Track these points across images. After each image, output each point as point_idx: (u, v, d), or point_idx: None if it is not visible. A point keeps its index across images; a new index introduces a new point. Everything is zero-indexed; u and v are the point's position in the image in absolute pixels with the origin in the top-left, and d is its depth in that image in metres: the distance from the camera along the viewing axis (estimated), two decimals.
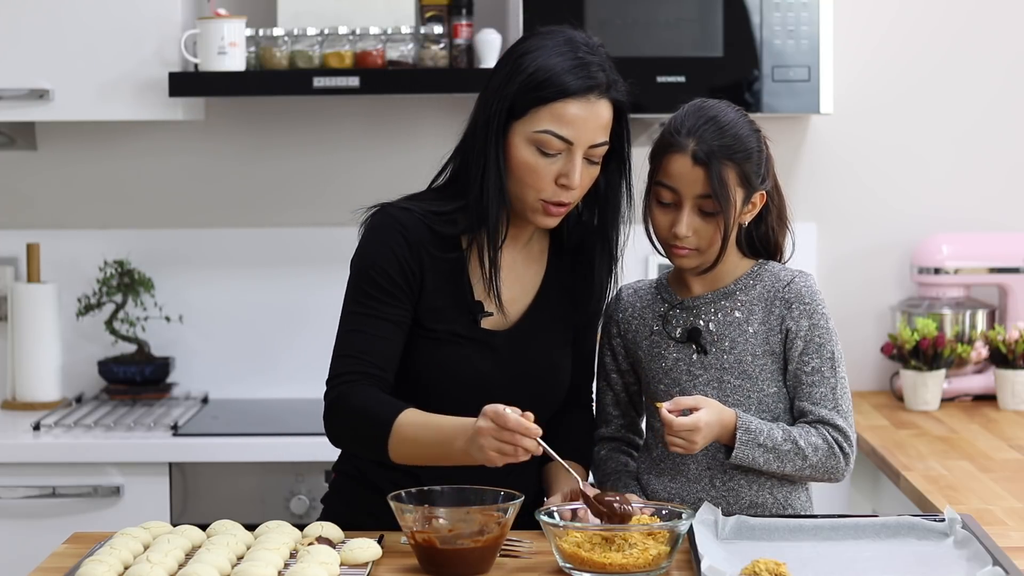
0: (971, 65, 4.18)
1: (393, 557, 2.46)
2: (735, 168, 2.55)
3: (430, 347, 2.64)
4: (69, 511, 3.66)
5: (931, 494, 3.07)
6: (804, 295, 2.62)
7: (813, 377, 2.61)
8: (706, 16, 3.81)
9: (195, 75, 3.80)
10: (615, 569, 2.33)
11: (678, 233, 2.56)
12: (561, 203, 2.59)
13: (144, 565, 2.30)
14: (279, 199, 4.20)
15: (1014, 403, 3.97)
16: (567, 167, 2.56)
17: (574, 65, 2.56)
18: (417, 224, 2.63)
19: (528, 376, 2.67)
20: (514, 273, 2.70)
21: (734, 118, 2.58)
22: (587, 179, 2.60)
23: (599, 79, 2.57)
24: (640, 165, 2.66)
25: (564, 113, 2.55)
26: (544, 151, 2.56)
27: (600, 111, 2.57)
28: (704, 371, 2.62)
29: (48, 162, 4.18)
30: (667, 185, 2.57)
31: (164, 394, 4.11)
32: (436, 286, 2.64)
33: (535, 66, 2.57)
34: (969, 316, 4.09)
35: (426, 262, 2.63)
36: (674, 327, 2.65)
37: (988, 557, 2.33)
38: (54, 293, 4.05)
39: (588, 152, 2.58)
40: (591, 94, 2.56)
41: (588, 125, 2.56)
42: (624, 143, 2.65)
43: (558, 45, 2.59)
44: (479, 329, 2.65)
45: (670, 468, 2.66)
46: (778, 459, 2.56)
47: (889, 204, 4.20)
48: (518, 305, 2.70)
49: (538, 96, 2.56)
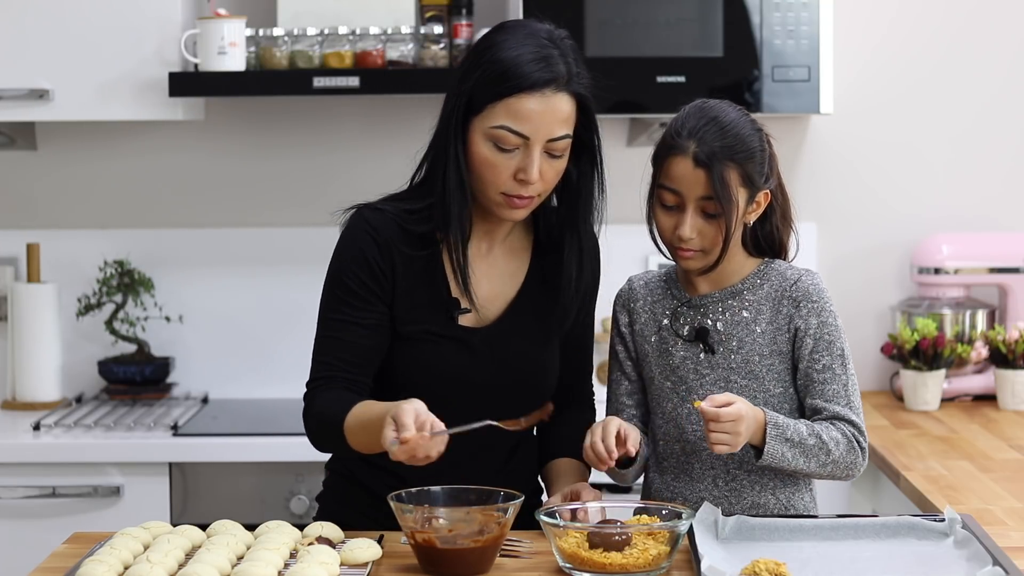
0: (971, 65, 4.18)
1: (393, 557, 2.46)
2: (737, 169, 2.54)
3: (407, 345, 2.64)
4: (69, 511, 3.66)
5: (931, 494, 3.07)
6: (812, 293, 2.61)
7: (824, 375, 2.60)
8: (706, 16, 3.81)
9: (195, 75, 3.80)
10: (615, 569, 2.32)
11: (682, 235, 2.56)
12: (521, 196, 2.57)
13: (144, 565, 2.30)
14: (279, 199, 4.20)
15: (1014, 403, 3.97)
16: (524, 162, 2.54)
17: (530, 59, 2.53)
18: (388, 224, 2.62)
19: (509, 374, 2.65)
20: (494, 269, 2.68)
21: (735, 118, 2.57)
22: (551, 173, 2.58)
23: (556, 72, 2.54)
24: (642, 165, 2.66)
25: (519, 108, 2.53)
26: (501, 147, 2.54)
27: (558, 105, 2.54)
28: (711, 370, 2.62)
29: (48, 162, 4.18)
30: (669, 188, 2.56)
31: (164, 394, 4.11)
32: (411, 285, 2.63)
33: (491, 61, 2.55)
34: (969, 316, 4.09)
35: (398, 262, 2.62)
36: (682, 324, 2.64)
37: (988, 557, 2.33)
38: (54, 293, 4.05)
39: (548, 146, 2.55)
40: (547, 88, 2.53)
41: (544, 120, 2.53)
42: (593, 134, 2.63)
43: (518, 38, 2.56)
44: (456, 327, 2.64)
45: (673, 466, 2.66)
46: (804, 454, 2.54)
47: (889, 204, 4.20)
48: (499, 302, 2.68)
49: (493, 91, 2.54)
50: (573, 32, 3.77)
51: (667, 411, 2.64)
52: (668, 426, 2.64)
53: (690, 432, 2.62)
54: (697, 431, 2.61)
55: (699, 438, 2.60)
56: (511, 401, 2.62)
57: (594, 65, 3.78)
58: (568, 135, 2.57)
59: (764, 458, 2.52)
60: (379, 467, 2.63)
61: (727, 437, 2.46)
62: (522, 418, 2.55)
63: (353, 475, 2.72)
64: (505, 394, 2.63)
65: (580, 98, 2.58)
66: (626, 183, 4.20)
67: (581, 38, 3.77)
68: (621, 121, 4.16)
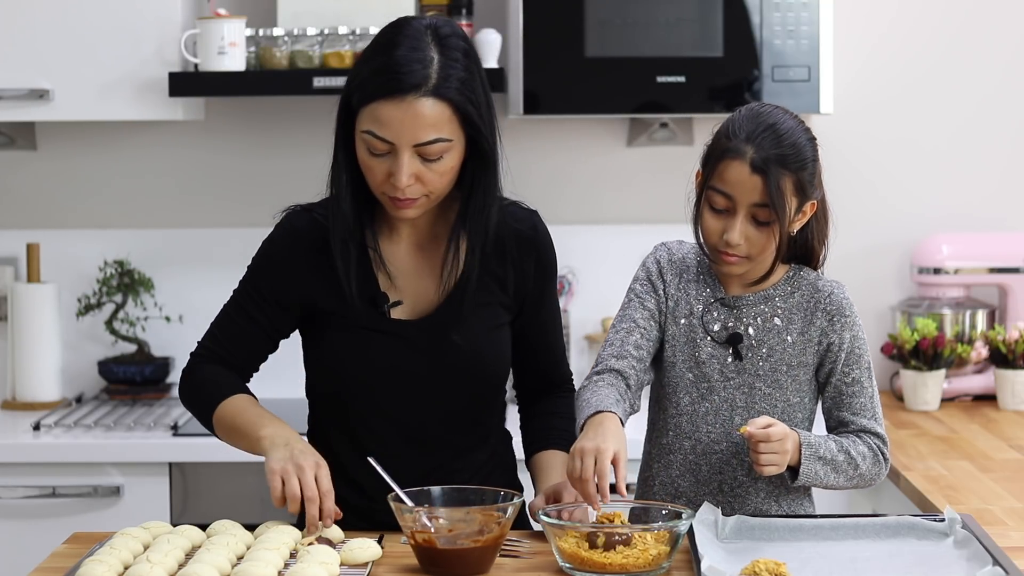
0: (971, 65, 4.18)
1: (393, 557, 2.46)
2: (792, 177, 2.51)
3: (340, 338, 2.64)
4: (69, 511, 3.66)
5: (931, 494, 3.07)
6: (845, 308, 2.61)
7: (854, 388, 2.61)
8: (706, 16, 3.80)
9: (195, 75, 3.80)
10: (615, 569, 2.32)
11: (730, 241, 2.52)
12: (400, 199, 2.54)
13: (144, 565, 2.30)
14: (279, 199, 4.16)
15: (1014, 403, 3.97)
16: (393, 166, 2.51)
17: (396, 63, 2.49)
18: (313, 225, 2.65)
19: (448, 364, 2.63)
20: (428, 262, 2.66)
21: (793, 126, 2.54)
22: (432, 175, 2.52)
23: (419, 78, 2.48)
24: (642, 166, 2.65)
25: (380, 115, 2.50)
26: (372, 151, 2.53)
27: (421, 110, 2.48)
28: (737, 375, 2.60)
29: (48, 162, 4.18)
30: (722, 191, 2.52)
31: (164, 394, 4.11)
32: (337, 281, 2.62)
33: (362, 62, 2.54)
34: (969, 316, 4.09)
35: (320, 263, 2.62)
36: (714, 320, 2.62)
37: (988, 557, 2.33)
38: (54, 293, 4.05)
39: (419, 150, 2.50)
40: (408, 95, 2.48)
41: (406, 126, 2.49)
42: (479, 135, 2.54)
43: (395, 39, 2.52)
44: (387, 320, 2.63)
45: (680, 462, 2.64)
46: (835, 471, 2.55)
47: (889, 204, 4.20)
48: (433, 294, 2.66)
49: (361, 96, 2.52)
50: (573, 32, 3.81)
51: (683, 404, 2.62)
52: (681, 419, 2.62)
53: (704, 432, 2.61)
54: (712, 432, 2.61)
55: (713, 440, 2.60)
56: (455, 392, 2.63)
57: (594, 65, 3.82)
58: (441, 139, 2.50)
59: (800, 478, 2.53)
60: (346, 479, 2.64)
61: (776, 458, 2.48)
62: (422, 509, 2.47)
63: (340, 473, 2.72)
64: (444, 384, 2.63)
65: (451, 103, 2.51)
66: (626, 183, 4.23)
67: (581, 38, 3.77)
68: (621, 121, 4.16)
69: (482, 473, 2.67)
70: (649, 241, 2.79)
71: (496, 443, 2.76)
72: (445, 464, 2.64)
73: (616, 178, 4.19)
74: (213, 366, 2.71)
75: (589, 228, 4.15)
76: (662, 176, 4.14)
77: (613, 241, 4.09)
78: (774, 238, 2.53)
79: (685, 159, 4.13)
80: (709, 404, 2.61)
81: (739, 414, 2.59)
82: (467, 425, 2.68)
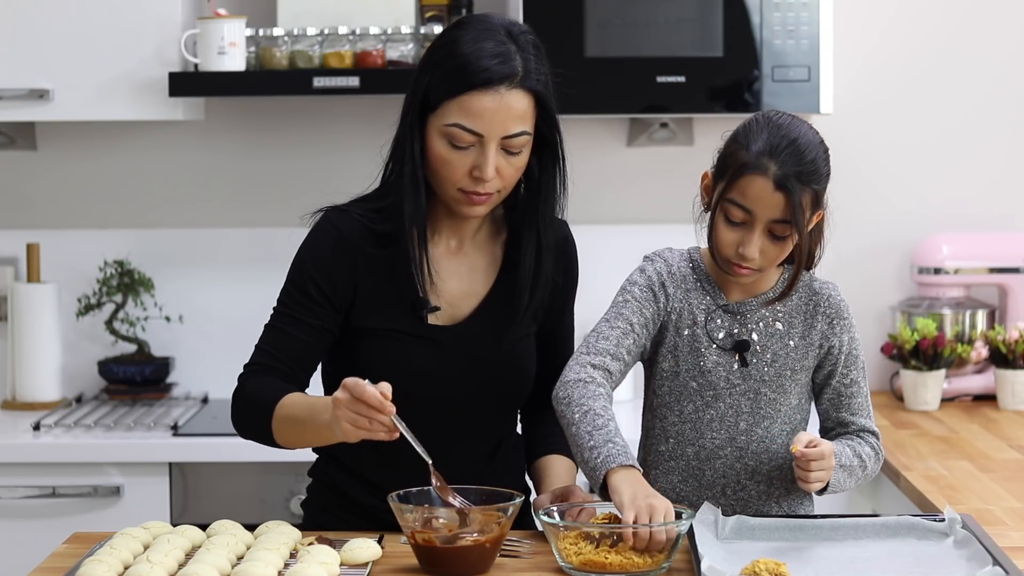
0: (970, 64, 4.18)
1: (393, 557, 2.46)
2: (810, 192, 2.50)
3: (375, 344, 2.62)
4: (69, 511, 3.66)
5: (931, 494, 3.08)
6: (842, 310, 2.62)
7: (851, 388, 2.62)
8: (706, 16, 3.81)
9: (195, 75, 3.80)
10: (615, 569, 2.32)
11: (746, 255, 2.50)
12: (479, 193, 2.54)
13: (144, 565, 2.30)
14: (279, 199, 4.20)
15: (1014, 403, 3.97)
16: (480, 159, 2.51)
17: (485, 56, 2.50)
18: (353, 226, 2.62)
19: (481, 371, 2.63)
20: (464, 267, 2.66)
21: (811, 139, 2.51)
22: (509, 170, 2.54)
23: (510, 69, 2.50)
24: (642, 166, 2.64)
25: (471, 106, 2.50)
26: (456, 144, 2.52)
27: (512, 102, 2.51)
28: (743, 381, 2.59)
29: (48, 162, 4.18)
30: (741, 205, 2.49)
31: (164, 394, 4.11)
32: (377, 284, 2.61)
33: (446, 57, 2.53)
34: (969, 316, 4.09)
35: (361, 265, 2.61)
36: (717, 328, 2.60)
37: (988, 557, 2.33)
38: (54, 293, 4.05)
39: (504, 143, 2.52)
40: (501, 85, 2.50)
41: (498, 117, 2.50)
42: (554, 130, 2.59)
43: (474, 34, 2.53)
44: (423, 325, 2.61)
45: (682, 468, 2.63)
46: (851, 476, 2.57)
47: (889, 204, 4.20)
48: (470, 299, 2.65)
49: (447, 89, 2.51)
50: (573, 32, 3.81)
51: (687, 412, 2.61)
52: (684, 427, 2.61)
53: (709, 439, 2.60)
54: (716, 439, 2.60)
55: (717, 446, 2.60)
56: (484, 398, 2.62)
57: (594, 65, 3.82)
58: (525, 132, 2.53)
59: (828, 489, 2.55)
60: (355, 473, 2.65)
61: (823, 474, 2.50)
62: (455, 491, 2.46)
63: (334, 482, 2.71)
64: (477, 391, 2.62)
65: (537, 95, 2.54)
66: (626, 183, 4.23)
67: (581, 38, 3.77)
68: (621, 121, 4.15)
69: (497, 475, 2.67)
70: (649, 241, 2.79)
71: (509, 447, 2.76)
72: (459, 467, 2.62)
73: (616, 178, 4.18)
74: (261, 377, 2.62)
75: (589, 228, 4.13)
76: (662, 176, 4.14)
77: (613, 241, 4.08)
78: (787, 250, 2.53)
79: (685, 159, 4.14)
80: (714, 411, 2.60)
81: (744, 419, 2.59)
82: (489, 430, 2.68)
